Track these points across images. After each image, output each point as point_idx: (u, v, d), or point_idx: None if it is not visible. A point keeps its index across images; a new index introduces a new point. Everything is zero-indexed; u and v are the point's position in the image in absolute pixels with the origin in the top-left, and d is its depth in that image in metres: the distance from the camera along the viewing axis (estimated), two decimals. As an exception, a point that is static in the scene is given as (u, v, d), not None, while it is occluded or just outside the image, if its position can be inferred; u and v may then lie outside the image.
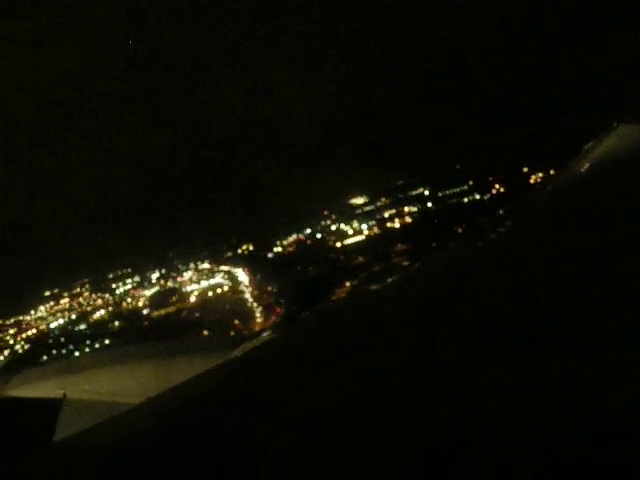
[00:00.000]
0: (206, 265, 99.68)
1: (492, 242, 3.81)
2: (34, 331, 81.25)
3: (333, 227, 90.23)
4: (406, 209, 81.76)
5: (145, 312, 64.20)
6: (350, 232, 79.04)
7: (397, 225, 70.80)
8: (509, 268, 2.77)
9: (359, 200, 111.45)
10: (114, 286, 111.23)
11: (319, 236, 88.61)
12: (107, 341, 54.92)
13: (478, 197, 71.42)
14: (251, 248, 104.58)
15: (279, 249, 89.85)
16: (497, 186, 68.88)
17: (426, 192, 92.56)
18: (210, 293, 65.87)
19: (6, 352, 69.55)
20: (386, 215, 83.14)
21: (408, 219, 72.24)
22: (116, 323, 61.02)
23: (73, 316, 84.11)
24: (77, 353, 53.55)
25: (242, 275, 75.85)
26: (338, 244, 71.87)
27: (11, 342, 76.25)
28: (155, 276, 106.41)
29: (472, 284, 2.70)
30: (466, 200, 72.36)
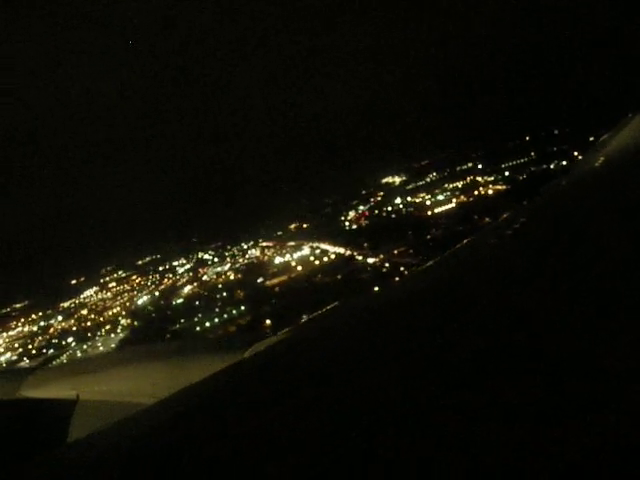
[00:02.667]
0: (267, 243, 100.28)
1: (508, 238, 3.67)
2: (118, 309, 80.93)
3: (397, 200, 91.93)
4: (479, 179, 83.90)
5: (259, 281, 64.90)
6: (428, 203, 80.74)
7: (490, 192, 72.77)
8: (528, 268, 2.68)
9: (391, 179, 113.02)
10: (161, 268, 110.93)
11: (389, 209, 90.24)
12: (243, 307, 55.67)
13: (565, 163, 73.76)
14: (305, 226, 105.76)
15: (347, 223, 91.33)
16: (576, 153, 71.33)
17: (479, 165, 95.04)
18: (316, 262, 66.77)
19: (107, 327, 69.28)
20: (459, 185, 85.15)
21: (499, 187, 74.25)
22: (239, 292, 61.69)
23: (156, 293, 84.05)
24: (217, 319, 54.33)
25: (326, 246, 76.67)
26: (429, 212, 73.52)
27: (101, 320, 75.86)
28: (206, 257, 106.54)
29: (493, 287, 2.60)
30: (552, 166, 74.69)
